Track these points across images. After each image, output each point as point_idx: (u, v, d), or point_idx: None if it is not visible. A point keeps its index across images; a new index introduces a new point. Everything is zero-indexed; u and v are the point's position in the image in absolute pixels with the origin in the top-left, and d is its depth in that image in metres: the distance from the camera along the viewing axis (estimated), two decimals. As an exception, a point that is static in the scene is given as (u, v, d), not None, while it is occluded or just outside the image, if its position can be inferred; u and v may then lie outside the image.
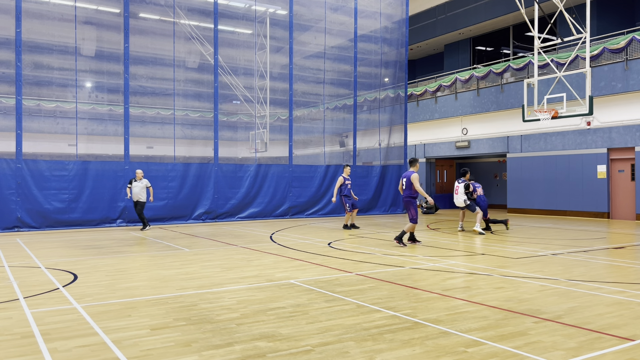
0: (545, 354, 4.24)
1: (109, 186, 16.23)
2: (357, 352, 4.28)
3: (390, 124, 22.74)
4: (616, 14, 23.11)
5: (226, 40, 19.34)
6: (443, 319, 5.28)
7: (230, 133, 20.61)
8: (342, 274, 7.90)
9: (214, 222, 17.71)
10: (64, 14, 16.58)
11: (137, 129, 17.89)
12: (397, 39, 22.86)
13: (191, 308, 5.77)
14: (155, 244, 11.76)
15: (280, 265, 8.65)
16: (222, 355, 4.22)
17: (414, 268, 8.40)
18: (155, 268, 8.47)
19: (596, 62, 18.88)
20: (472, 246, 11.25)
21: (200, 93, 19.16)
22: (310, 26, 21.13)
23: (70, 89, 16.93)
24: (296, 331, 4.86)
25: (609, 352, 4.28)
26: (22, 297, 6.26)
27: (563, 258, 9.50)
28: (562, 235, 13.48)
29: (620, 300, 6.14)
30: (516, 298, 6.21)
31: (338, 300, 6.12)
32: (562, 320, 5.22)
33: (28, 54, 15.84)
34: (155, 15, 18.31)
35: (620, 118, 18.46)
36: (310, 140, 21.57)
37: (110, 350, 4.33)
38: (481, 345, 4.46)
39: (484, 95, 23.35)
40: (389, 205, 22.02)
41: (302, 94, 20.91)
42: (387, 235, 13.47)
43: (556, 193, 20.50)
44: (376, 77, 22.57)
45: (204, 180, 17.88)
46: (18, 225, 14.84)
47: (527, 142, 21.72)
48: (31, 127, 16.06)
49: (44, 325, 5.07)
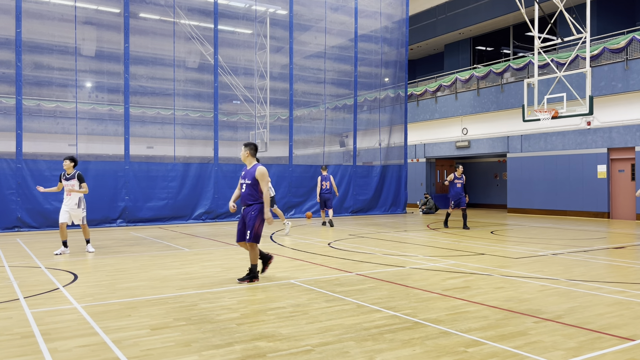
0: (545, 354, 4.23)
1: (109, 186, 16.22)
2: (357, 352, 4.28)
3: (390, 124, 22.74)
4: (616, 13, 23.10)
5: (226, 40, 19.34)
6: (443, 319, 5.28)
7: (230, 133, 20.61)
8: (342, 274, 7.90)
9: (214, 222, 17.71)
10: (64, 14, 16.57)
11: (137, 129, 17.89)
12: (397, 38, 22.87)
13: (191, 308, 5.77)
14: (155, 244, 11.76)
15: (280, 265, 8.65)
16: (222, 355, 4.22)
17: (414, 268, 8.40)
18: (155, 268, 8.47)
19: (596, 62, 18.88)
20: (472, 246, 11.24)
21: (200, 93, 19.16)
22: (310, 26, 21.13)
23: (70, 89, 16.93)
24: (296, 331, 4.86)
25: (609, 352, 4.28)
26: (22, 297, 6.26)
27: (563, 258, 9.50)
28: (562, 235, 13.47)
29: (620, 300, 6.14)
30: (516, 298, 6.21)
31: (338, 300, 6.12)
32: (562, 320, 5.22)
33: (28, 54, 15.84)
34: (155, 15, 18.30)
35: (621, 118, 18.46)
36: (310, 140, 21.57)
37: (111, 350, 4.33)
38: (481, 345, 4.46)
39: (484, 95, 23.34)
40: (389, 205, 22.02)
41: (302, 94, 20.91)
42: (388, 235, 13.47)
43: (556, 193, 20.50)
44: (376, 77, 22.57)
45: (204, 180, 17.88)
46: (18, 225, 14.83)
47: (527, 142, 21.72)
48: (31, 127, 16.05)
49: (44, 325, 5.06)
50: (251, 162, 7.44)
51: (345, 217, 20.31)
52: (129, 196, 16.46)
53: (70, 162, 10.16)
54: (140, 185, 16.72)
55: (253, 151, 7.43)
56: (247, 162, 7.45)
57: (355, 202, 21.12)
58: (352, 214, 20.97)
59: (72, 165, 10.18)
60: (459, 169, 15.18)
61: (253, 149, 7.44)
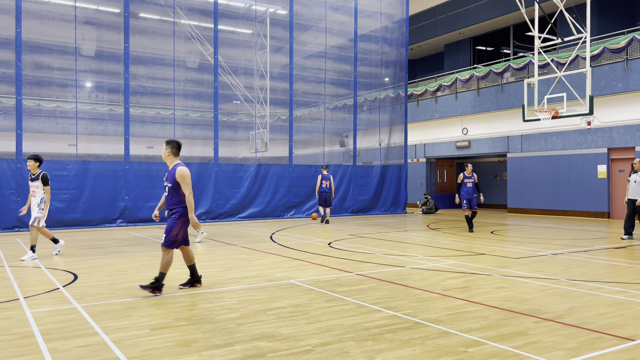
0: (545, 354, 4.23)
1: (109, 186, 16.23)
2: (357, 352, 4.27)
3: (390, 123, 22.74)
4: (616, 13, 23.10)
5: (226, 40, 19.34)
6: (443, 319, 5.28)
7: (230, 133, 20.62)
8: (342, 273, 7.89)
9: (214, 222, 17.70)
10: (64, 14, 16.57)
11: (137, 129, 17.90)
12: (397, 38, 22.87)
13: (191, 308, 5.77)
14: (155, 244, 11.76)
15: (280, 265, 8.65)
16: (222, 355, 4.22)
17: (414, 268, 8.40)
18: (155, 268, 8.46)
19: (596, 61, 18.87)
20: (472, 246, 11.24)
21: (200, 93, 19.16)
22: (310, 26, 21.13)
23: (70, 89, 16.93)
24: (296, 331, 4.86)
25: (609, 352, 4.28)
26: (22, 297, 6.26)
27: (563, 258, 9.50)
28: (563, 235, 13.47)
29: (620, 300, 6.14)
30: (516, 298, 6.20)
31: (338, 300, 6.12)
32: (563, 320, 5.22)
33: (28, 54, 15.84)
34: (155, 15, 18.30)
35: (621, 118, 18.45)
36: (310, 140, 21.57)
37: (111, 350, 4.32)
38: (481, 345, 4.46)
39: (484, 95, 23.34)
40: (389, 205, 22.02)
41: (302, 94, 20.91)
42: (388, 235, 13.47)
43: (556, 193, 20.50)
44: (376, 77, 22.58)
45: (204, 180, 17.88)
46: (18, 225, 14.83)
47: (527, 142, 21.72)
48: (31, 127, 16.06)
49: (44, 325, 5.06)
50: (172, 162, 6.59)
51: (345, 217, 20.31)
52: (129, 196, 16.46)
53: (35, 162, 9.41)
54: (140, 185, 16.71)
55: (175, 150, 6.61)
56: (168, 162, 6.61)
57: (355, 202, 21.12)
58: (352, 214, 20.97)
59: (37, 165, 9.45)
60: (468, 167, 14.39)
61: (175, 147, 6.62)
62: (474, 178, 14.26)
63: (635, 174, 12.15)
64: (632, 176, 12.24)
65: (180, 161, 6.67)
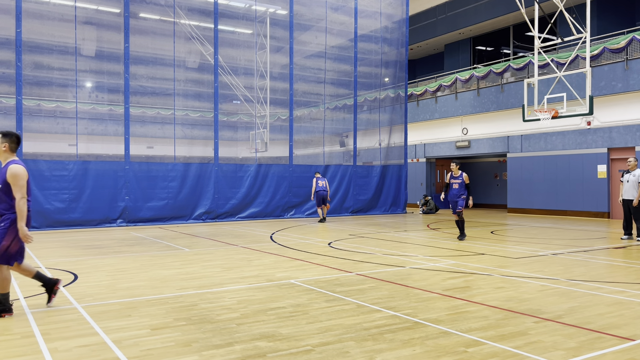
0: (545, 353, 4.23)
1: (109, 186, 16.23)
2: (357, 352, 4.28)
3: (390, 123, 22.75)
4: (616, 13, 23.10)
5: (226, 40, 19.34)
6: (443, 318, 5.28)
7: (230, 133, 20.61)
8: (342, 273, 7.90)
9: (214, 222, 17.70)
10: (64, 14, 16.58)
11: (137, 129, 17.89)
12: (397, 38, 22.87)
13: (191, 308, 5.77)
14: (155, 244, 11.76)
15: (280, 265, 8.65)
16: (222, 355, 4.22)
17: (414, 268, 8.40)
18: (155, 268, 8.47)
19: (596, 62, 18.87)
20: (472, 246, 11.24)
21: (201, 93, 19.16)
22: (310, 26, 21.13)
23: (71, 89, 16.93)
24: (296, 331, 4.86)
25: (609, 352, 4.28)
26: (22, 297, 6.26)
27: (563, 258, 9.50)
28: (563, 235, 13.47)
29: (620, 300, 6.14)
30: (516, 298, 6.21)
31: (338, 300, 6.12)
32: (563, 320, 5.22)
33: (28, 54, 15.84)
34: (155, 15, 18.31)
35: (621, 118, 18.45)
36: (310, 140, 21.57)
37: (111, 350, 4.33)
38: (481, 345, 4.46)
39: (484, 95, 23.34)
40: (389, 205, 22.02)
41: (303, 94, 20.91)
42: (388, 235, 13.47)
43: (556, 193, 20.50)
44: (376, 77, 22.58)
45: (204, 180, 17.88)
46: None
47: (527, 142, 21.72)
48: (31, 127, 16.06)
49: (44, 325, 5.07)
50: (7, 158, 5.52)
51: (345, 217, 20.31)
52: (129, 196, 16.47)
53: None
54: (141, 185, 16.72)
55: (13, 144, 5.53)
56: (2, 159, 5.53)
57: (355, 202, 21.13)
58: (352, 214, 20.97)
59: None
60: (454, 166, 12.41)
61: (13, 142, 5.53)
62: (463, 179, 12.29)
63: (628, 173, 12.15)
64: (625, 176, 12.23)
65: (18, 158, 5.58)
